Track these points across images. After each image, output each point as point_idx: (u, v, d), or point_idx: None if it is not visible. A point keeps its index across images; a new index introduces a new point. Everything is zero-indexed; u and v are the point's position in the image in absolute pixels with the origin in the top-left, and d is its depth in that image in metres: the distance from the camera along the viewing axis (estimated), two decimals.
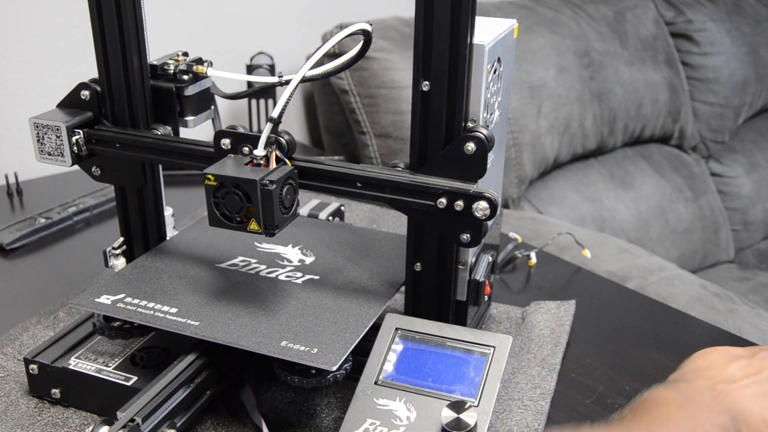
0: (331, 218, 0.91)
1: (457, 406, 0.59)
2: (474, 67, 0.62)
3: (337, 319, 0.66)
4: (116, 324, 0.70)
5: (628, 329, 0.85)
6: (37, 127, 0.72)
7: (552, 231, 1.21)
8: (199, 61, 0.75)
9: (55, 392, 0.69)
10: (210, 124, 0.79)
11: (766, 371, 0.56)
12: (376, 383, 0.63)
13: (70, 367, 0.69)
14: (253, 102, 1.43)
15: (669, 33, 1.93)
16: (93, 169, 0.76)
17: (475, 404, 0.60)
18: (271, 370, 0.66)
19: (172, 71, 0.74)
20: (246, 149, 0.65)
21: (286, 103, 0.63)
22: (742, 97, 2.02)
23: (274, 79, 0.70)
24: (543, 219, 1.40)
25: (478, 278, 0.71)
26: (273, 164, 0.63)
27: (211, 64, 0.75)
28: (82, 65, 1.30)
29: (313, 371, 0.64)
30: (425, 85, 0.62)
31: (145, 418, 0.60)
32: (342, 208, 0.93)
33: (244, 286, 0.72)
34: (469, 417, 0.58)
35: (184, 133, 0.76)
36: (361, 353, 0.65)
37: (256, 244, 0.80)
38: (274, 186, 0.60)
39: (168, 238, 0.81)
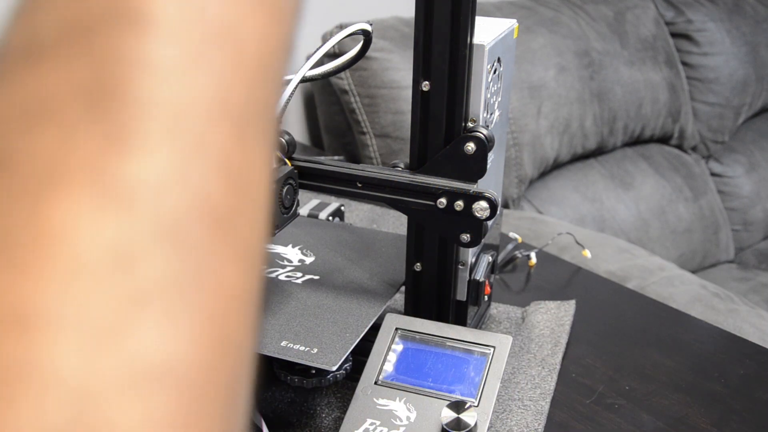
0: (331, 218, 0.91)
1: (457, 406, 0.59)
2: (474, 67, 0.62)
3: (337, 319, 0.66)
4: None
5: (628, 329, 0.85)
6: None
7: (552, 231, 1.21)
8: None
9: None
10: None
11: None
12: (376, 383, 0.63)
13: None
14: None
15: (669, 33, 1.93)
16: None
17: (475, 404, 0.60)
18: (271, 370, 0.66)
19: None
20: None
21: (286, 103, 0.63)
22: (742, 97, 2.02)
23: None
24: (543, 219, 1.40)
25: (478, 278, 0.71)
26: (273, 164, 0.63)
27: None
28: None
29: (313, 371, 0.64)
30: (425, 85, 0.62)
31: None
32: (342, 208, 0.93)
33: None
34: (469, 417, 0.58)
35: None
36: (361, 353, 0.65)
37: None
38: (274, 186, 0.60)
39: None
